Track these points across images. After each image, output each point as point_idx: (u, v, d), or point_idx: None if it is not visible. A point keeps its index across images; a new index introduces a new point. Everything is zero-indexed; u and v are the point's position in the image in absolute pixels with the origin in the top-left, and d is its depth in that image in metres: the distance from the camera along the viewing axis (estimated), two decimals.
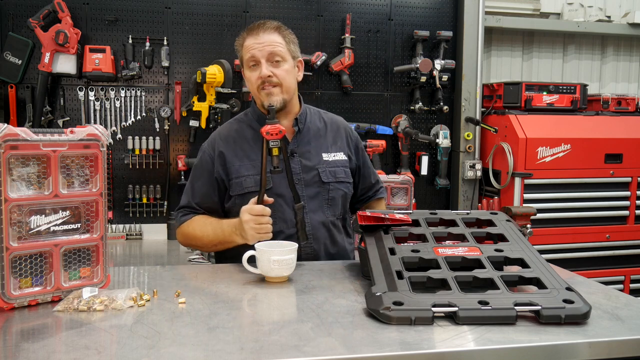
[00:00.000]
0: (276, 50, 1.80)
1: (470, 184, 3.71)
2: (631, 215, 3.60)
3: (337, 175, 1.89)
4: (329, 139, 1.95)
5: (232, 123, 1.98)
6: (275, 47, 1.80)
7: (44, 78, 3.07)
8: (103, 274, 1.42)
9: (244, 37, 1.85)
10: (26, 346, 1.09)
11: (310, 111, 2.00)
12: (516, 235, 1.57)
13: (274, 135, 1.63)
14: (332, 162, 1.89)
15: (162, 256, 2.99)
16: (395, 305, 1.23)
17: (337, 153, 1.93)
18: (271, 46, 1.80)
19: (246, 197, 1.77)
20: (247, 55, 1.82)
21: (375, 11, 3.58)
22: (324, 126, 1.97)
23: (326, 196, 1.88)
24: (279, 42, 1.82)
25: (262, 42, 1.80)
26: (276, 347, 1.09)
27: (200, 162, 1.93)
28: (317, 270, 1.69)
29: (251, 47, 1.81)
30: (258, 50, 1.80)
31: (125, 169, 3.28)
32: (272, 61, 1.81)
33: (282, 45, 1.82)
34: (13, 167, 1.27)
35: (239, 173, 1.85)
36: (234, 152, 1.88)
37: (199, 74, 3.13)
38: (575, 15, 4.18)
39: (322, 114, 2.03)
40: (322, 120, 1.99)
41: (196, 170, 1.93)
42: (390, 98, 3.66)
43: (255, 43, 1.81)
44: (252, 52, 1.81)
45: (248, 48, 1.82)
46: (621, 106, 3.76)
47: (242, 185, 1.83)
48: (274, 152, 1.64)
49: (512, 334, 1.17)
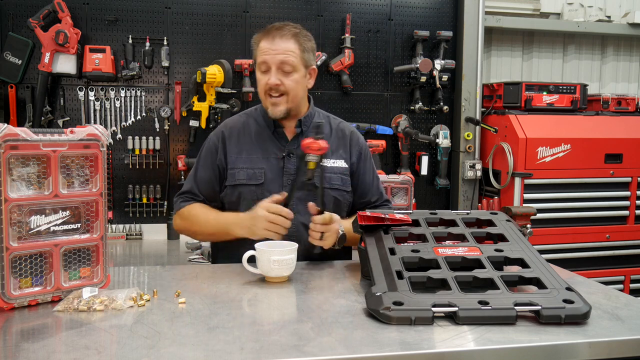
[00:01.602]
0: (288, 60, 1.79)
1: (470, 184, 3.71)
2: (631, 215, 3.60)
3: (332, 182, 1.87)
4: (332, 145, 1.93)
5: (241, 115, 2.01)
6: (288, 57, 1.79)
7: (44, 78, 3.07)
8: (103, 274, 1.42)
9: (260, 38, 1.84)
10: (26, 346, 1.09)
11: (320, 115, 1.99)
12: (516, 235, 1.57)
13: (313, 150, 1.61)
14: (329, 169, 1.87)
15: (162, 256, 2.99)
16: (395, 305, 1.23)
17: (337, 160, 1.92)
18: (284, 55, 1.79)
19: (236, 189, 1.84)
20: (260, 58, 1.83)
21: (375, 11, 3.58)
22: (329, 132, 1.96)
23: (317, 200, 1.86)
24: (292, 51, 1.80)
25: (275, 49, 1.79)
26: (276, 347, 1.09)
27: (206, 150, 1.95)
28: (317, 270, 1.69)
29: (264, 52, 1.81)
30: (270, 56, 1.79)
31: (125, 169, 3.28)
32: (283, 70, 1.80)
33: (295, 55, 1.81)
34: (13, 167, 1.27)
35: (235, 164, 1.87)
36: (235, 143, 1.90)
37: (199, 74, 3.13)
38: (575, 15, 4.18)
39: (331, 119, 2.01)
40: (329, 126, 1.98)
41: (201, 157, 1.95)
42: (390, 98, 3.66)
43: (269, 48, 1.80)
44: (264, 58, 1.81)
45: (261, 51, 1.82)
46: (621, 106, 3.76)
47: (234, 177, 1.86)
48: (309, 166, 1.62)
49: (512, 334, 1.17)
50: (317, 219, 1.66)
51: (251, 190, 1.83)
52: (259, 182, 1.83)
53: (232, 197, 1.86)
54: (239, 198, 1.84)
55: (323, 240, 1.67)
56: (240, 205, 1.83)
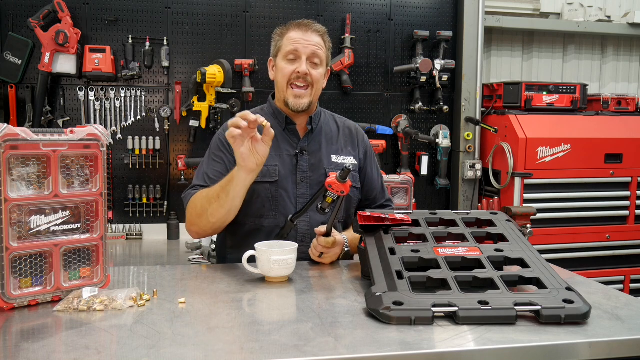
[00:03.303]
0: (318, 53, 1.84)
1: (470, 184, 3.71)
2: (631, 215, 3.60)
3: None
4: (341, 142, 1.97)
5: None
6: (319, 50, 1.85)
7: (44, 78, 3.07)
8: (103, 274, 1.42)
9: (288, 29, 1.87)
10: (26, 346, 1.09)
11: (325, 114, 2.01)
12: (516, 235, 1.57)
13: (335, 191, 1.60)
14: (340, 165, 1.89)
15: (162, 256, 2.99)
16: (395, 305, 1.23)
17: (347, 157, 1.94)
18: (316, 47, 1.84)
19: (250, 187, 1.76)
20: (290, 47, 1.83)
21: (375, 11, 3.58)
22: (336, 129, 1.99)
23: None
24: (322, 46, 1.87)
25: (309, 40, 1.83)
26: (276, 347, 1.09)
27: (216, 144, 1.89)
28: (317, 270, 1.69)
29: (296, 41, 1.83)
30: (303, 46, 1.82)
31: (125, 169, 3.28)
32: (312, 62, 1.84)
33: (323, 50, 1.87)
34: (13, 167, 1.27)
35: None
36: None
37: (199, 74, 3.13)
38: (575, 15, 4.18)
39: (336, 118, 2.04)
40: (335, 123, 2.00)
41: (211, 151, 1.89)
42: (390, 98, 3.66)
43: (302, 38, 1.83)
44: (296, 46, 1.82)
45: (292, 40, 1.83)
46: (621, 106, 3.76)
47: None
48: (327, 200, 1.62)
49: (512, 334, 1.17)
50: (321, 240, 1.70)
51: (265, 188, 1.81)
52: (273, 180, 1.82)
53: (246, 195, 1.75)
54: (253, 196, 1.79)
55: (321, 259, 1.74)
56: (254, 203, 1.81)
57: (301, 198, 1.84)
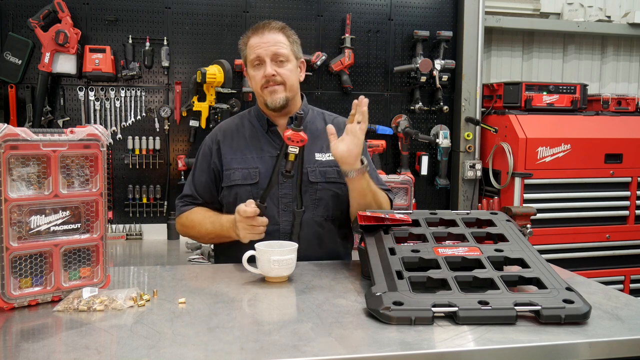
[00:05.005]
0: (280, 51, 1.83)
1: (470, 184, 3.71)
2: (631, 215, 3.60)
3: (328, 176, 1.88)
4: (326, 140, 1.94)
5: (234, 118, 2.03)
6: (280, 48, 1.84)
7: (44, 78, 3.07)
8: (103, 274, 1.42)
9: (249, 37, 1.88)
10: (26, 346, 1.09)
11: (313, 112, 2.00)
12: (516, 235, 1.57)
13: (295, 142, 1.65)
14: (324, 162, 1.89)
15: (162, 256, 2.99)
16: (395, 305, 1.23)
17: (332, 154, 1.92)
18: (276, 46, 1.83)
19: (233, 190, 1.85)
20: (252, 54, 1.85)
21: (375, 11, 3.58)
22: (323, 127, 1.96)
23: (314, 196, 1.87)
24: (283, 42, 1.85)
25: (267, 42, 1.83)
26: (276, 347, 1.09)
27: (201, 154, 1.98)
28: (317, 270, 1.69)
29: (256, 47, 1.84)
30: (263, 49, 1.83)
31: (125, 169, 3.28)
32: (276, 61, 1.84)
33: (286, 46, 1.86)
34: (13, 167, 1.27)
35: (230, 165, 1.89)
36: (230, 144, 1.92)
37: (199, 74, 3.13)
38: (575, 15, 4.18)
39: (326, 116, 2.02)
40: (323, 122, 1.98)
41: (197, 161, 1.98)
42: (390, 98, 3.66)
43: (260, 42, 1.84)
44: (257, 52, 1.84)
45: (253, 47, 1.85)
46: (621, 106, 3.75)
47: (230, 178, 1.87)
48: (289, 158, 1.66)
49: (512, 334, 1.17)
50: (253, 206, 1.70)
51: (247, 190, 1.84)
52: (253, 182, 1.85)
53: (229, 198, 1.88)
54: (236, 199, 1.84)
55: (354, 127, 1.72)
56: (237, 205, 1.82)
57: (284, 198, 1.84)
